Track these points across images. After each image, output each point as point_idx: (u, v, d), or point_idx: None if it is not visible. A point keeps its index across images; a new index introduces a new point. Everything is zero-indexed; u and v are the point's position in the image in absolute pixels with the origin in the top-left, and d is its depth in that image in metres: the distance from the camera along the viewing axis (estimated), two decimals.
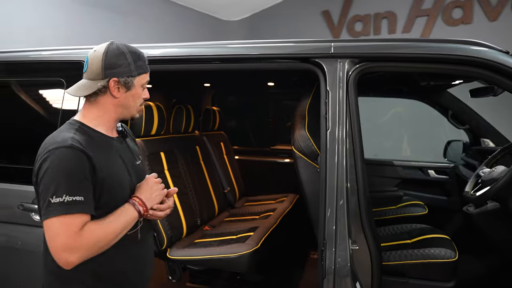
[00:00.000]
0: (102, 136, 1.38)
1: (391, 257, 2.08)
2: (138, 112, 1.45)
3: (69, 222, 1.20)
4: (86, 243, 1.21)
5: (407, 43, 1.77)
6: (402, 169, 3.49)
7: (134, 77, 1.37)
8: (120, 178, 1.36)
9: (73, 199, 1.20)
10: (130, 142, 1.55)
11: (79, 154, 1.23)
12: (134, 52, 1.38)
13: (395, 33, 5.52)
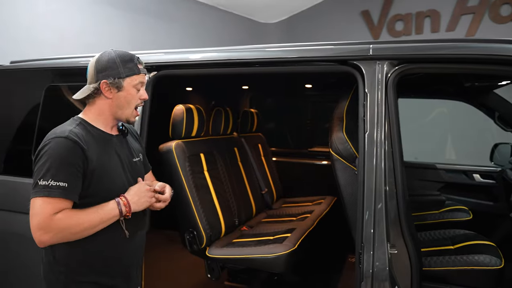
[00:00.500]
0: (101, 132, 1.51)
1: (432, 262, 2.03)
2: (132, 115, 1.54)
3: (49, 204, 1.32)
4: (58, 225, 1.33)
5: (448, 43, 1.73)
6: (445, 172, 3.38)
7: (124, 78, 1.49)
8: (112, 171, 1.48)
9: (57, 184, 1.33)
10: (131, 140, 1.67)
11: (73, 145, 1.37)
12: (124, 56, 1.51)
13: (438, 32, 5.34)
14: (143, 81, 1.54)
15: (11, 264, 2.26)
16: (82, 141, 1.40)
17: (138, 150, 1.70)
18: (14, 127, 2.42)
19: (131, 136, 1.71)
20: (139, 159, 1.67)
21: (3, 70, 2.53)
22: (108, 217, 1.42)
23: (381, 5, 5.71)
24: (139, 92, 1.54)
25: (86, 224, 1.37)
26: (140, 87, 1.54)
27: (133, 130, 1.78)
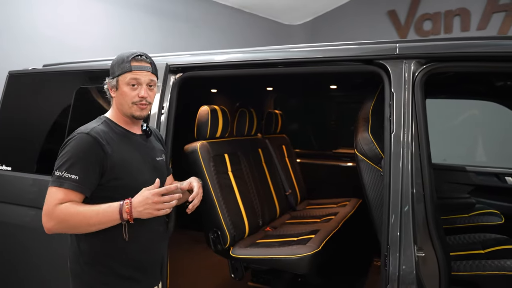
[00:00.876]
0: (124, 130, 1.58)
1: (461, 267, 1.97)
2: (134, 110, 1.56)
3: (58, 194, 1.40)
4: (58, 215, 1.39)
5: (478, 41, 1.68)
6: (475, 175, 3.28)
7: (117, 77, 1.55)
8: (133, 168, 1.52)
9: (69, 176, 1.40)
10: (154, 140, 1.72)
11: (92, 141, 1.44)
12: (122, 56, 1.56)
13: (468, 31, 5.19)
14: (136, 77, 1.54)
15: (42, 261, 2.34)
16: (103, 138, 1.47)
17: (161, 151, 1.74)
18: (46, 128, 2.51)
19: (155, 137, 1.76)
20: (162, 159, 1.71)
21: (36, 73, 2.63)
22: (107, 219, 1.42)
23: (409, 4, 5.60)
24: (137, 90, 1.54)
25: (83, 221, 1.40)
26: (136, 84, 1.54)
27: (157, 132, 1.83)
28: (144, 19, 4.66)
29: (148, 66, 1.57)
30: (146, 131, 1.67)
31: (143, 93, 1.55)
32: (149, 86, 1.58)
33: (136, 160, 1.56)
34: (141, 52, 1.59)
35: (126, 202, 1.42)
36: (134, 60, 1.54)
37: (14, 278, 2.46)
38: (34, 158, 2.49)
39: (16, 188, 2.45)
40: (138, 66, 1.54)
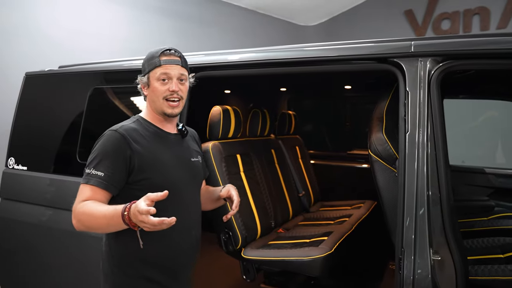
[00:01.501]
0: (157, 129, 1.56)
1: (480, 271, 1.91)
2: (165, 107, 1.53)
3: (84, 191, 1.41)
4: (77, 213, 1.39)
5: (497, 38, 1.63)
6: (495, 177, 3.18)
7: (147, 73, 1.53)
8: (163, 167, 1.49)
9: (95, 173, 1.40)
10: (190, 141, 1.69)
11: (120, 138, 1.44)
12: (151, 53, 1.55)
13: (488, 30, 5.07)
14: (166, 72, 1.51)
15: (58, 261, 2.36)
16: (132, 136, 1.46)
17: (197, 152, 1.71)
18: (62, 128, 2.54)
19: (191, 138, 1.73)
20: (198, 160, 1.67)
21: (52, 74, 2.67)
22: (115, 222, 1.31)
23: (426, 3, 5.51)
24: (167, 85, 1.51)
25: (94, 221, 1.36)
26: (166, 78, 1.51)
27: (194, 133, 1.79)
28: (159, 21, 4.70)
29: (177, 60, 1.54)
30: (182, 130, 1.64)
31: (174, 86, 1.51)
32: (180, 80, 1.54)
33: (169, 160, 1.52)
34: (170, 46, 1.56)
35: (127, 208, 1.29)
36: (163, 54, 1.52)
37: (31, 278, 2.49)
38: (49, 157, 2.53)
39: (32, 188, 2.48)
40: (167, 60, 1.52)
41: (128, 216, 1.28)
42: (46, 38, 3.76)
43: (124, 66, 2.44)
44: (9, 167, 2.59)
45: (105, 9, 4.23)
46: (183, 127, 1.65)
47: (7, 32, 3.55)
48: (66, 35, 3.89)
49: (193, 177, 1.61)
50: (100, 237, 2.15)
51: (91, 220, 1.37)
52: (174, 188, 1.47)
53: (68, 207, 2.28)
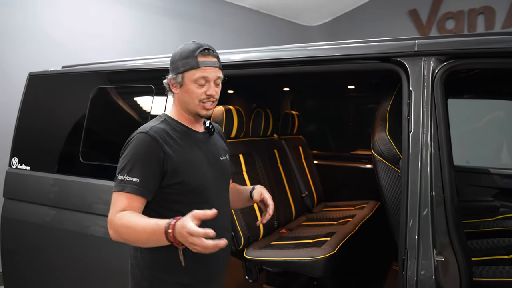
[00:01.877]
0: (185, 128, 1.49)
1: (484, 272, 1.89)
2: (200, 109, 1.44)
3: (120, 199, 1.33)
4: (115, 225, 1.30)
5: (500, 37, 1.61)
6: (500, 178, 3.16)
7: (182, 73, 1.41)
8: (193, 168, 1.43)
9: (130, 179, 1.32)
10: (217, 138, 1.62)
11: (151, 141, 1.36)
12: (186, 50, 1.42)
13: (493, 29, 5.04)
14: (204, 75, 1.40)
15: (61, 261, 2.36)
16: (162, 137, 1.39)
17: (225, 150, 1.64)
18: (65, 128, 2.54)
19: (217, 134, 1.66)
20: (226, 158, 1.61)
21: (55, 74, 2.67)
22: (156, 238, 1.24)
23: (431, 3, 5.48)
24: (204, 88, 1.41)
25: (133, 236, 1.29)
26: (204, 82, 1.41)
27: (220, 130, 1.72)
28: (162, 21, 4.71)
29: (215, 62, 1.43)
30: (209, 128, 1.56)
31: (212, 91, 1.42)
32: (216, 82, 1.45)
33: (199, 160, 1.46)
34: (207, 44, 1.44)
35: (171, 225, 1.20)
36: (201, 55, 1.40)
37: (34, 278, 2.49)
38: (52, 157, 2.53)
39: (35, 188, 2.49)
40: (206, 62, 1.40)
41: (172, 234, 1.20)
42: (49, 39, 3.77)
43: (127, 66, 2.44)
44: (12, 167, 2.60)
45: (108, 10, 4.24)
46: (210, 124, 1.57)
47: (10, 32, 3.56)
48: (69, 36, 3.90)
49: (222, 176, 1.54)
50: (103, 237, 2.18)
51: (130, 233, 1.28)
52: (206, 189, 1.44)
53: (71, 207, 2.31)
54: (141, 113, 2.28)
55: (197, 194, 1.42)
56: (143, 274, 1.45)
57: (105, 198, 2.18)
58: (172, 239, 1.20)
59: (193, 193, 1.41)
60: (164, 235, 1.21)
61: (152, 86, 2.21)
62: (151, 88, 2.21)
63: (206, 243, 1.14)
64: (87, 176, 2.30)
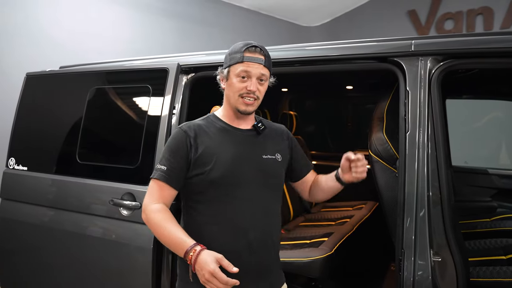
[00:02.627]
0: (225, 125, 1.54)
1: (481, 273, 1.89)
2: (239, 104, 1.47)
3: (151, 185, 1.47)
4: (148, 215, 1.43)
5: (497, 36, 1.61)
6: (498, 178, 3.16)
7: (228, 67, 1.49)
8: (219, 161, 1.44)
9: (159, 167, 1.46)
10: (269, 137, 1.60)
11: (181, 134, 1.47)
12: (235, 46, 1.50)
13: (491, 30, 5.04)
14: (247, 70, 1.44)
15: (59, 261, 2.36)
16: (194, 131, 1.48)
17: (277, 150, 1.59)
18: (62, 128, 2.53)
19: (275, 136, 1.63)
20: (274, 157, 1.56)
21: (53, 75, 2.67)
22: (175, 249, 1.38)
23: (429, 4, 5.48)
24: (245, 83, 1.45)
25: (158, 233, 1.42)
26: (246, 76, 1.45)
27: (281, 130, 1.69)
28: (162, 22, 4.71)
29: (261, 59, 1.46)
30: (257, 127, 1.56)
31: (252, 86, 1.44)
32: (259, 80, 1.47)
33: (231, 155, 1.46)
34: (256, 43, 1.49)
35: (194, 249, 1.30)
36: (247, 50, 1.45)
37: (31, 279, 2.49)
38: (50, 158, 2.53)
39: (33, 188, 2.48)
40: (250, 57, 1.44)
41: (192, 259, 1.29)
42: (48, 39, 3.77)
43: (124, 67, 2.44)
44: (9, 168, 2.59)
45: (109, 10, 4.24)
46: (260, 123, 1.57)
47: (10, 32, 3.56)
48: (68, 36, 3.90)
49: (261, 175, 1.51)
50: (101, 238, 2.17)
51: (158, 232, 1.41)
52: (229, 184, 1.44)
53: (68, 208, 2.31)
54: (138, 113, 2.27)
55: (216, 186, 1.44)
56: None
57: (102, 199, 2.18)
58: (189, 260, 1.31)
59: (213, 186, 1.44)
60: (184, 253, 1.32)
61: (149, 87, 2.21)
62: (148, 89, 2.21)
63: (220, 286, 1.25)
64: (84, 176, 2.30)
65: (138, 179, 2.09)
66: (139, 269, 2.02)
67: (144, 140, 2.12)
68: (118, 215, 2.10)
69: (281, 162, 1.58)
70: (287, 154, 1.64)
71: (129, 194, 2.08)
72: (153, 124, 2.11)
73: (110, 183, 2.18)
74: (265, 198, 1.52)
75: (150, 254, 1.97)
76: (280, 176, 1.60)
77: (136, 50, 4.31)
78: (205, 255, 1.28)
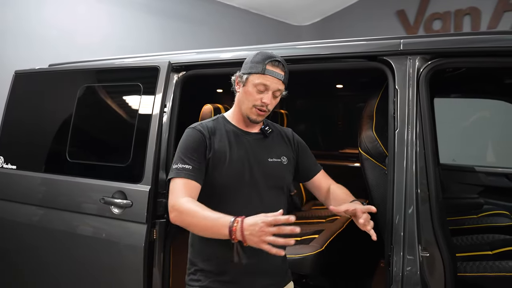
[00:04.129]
0: (233, 127, 1.57)
1: (468, 268, 1.92)
2: (251, 113, 1.50)
3: (177, 185, 1.44)
4: (179, 208, 1.39)
5: (484, 36, 1.64)
6: (485, 176, 3.21)
7: (247, 74, 1.50)
8: (224, 163, 1.48)
9: (183, 166, 1.45)
10: (275, 140, 1.63)
11: (197, 134, 1.50)
12: (261, 55, 1.50)
13: (479, 30, 5.12)
14: (266, 84, 1.47)
15: (50, 260, 2.34)
16: (207, 131, 1.51)
17: (283, 153, 1.62)
18: (51, 127, 2.51)
19: (281, 139, 1.67)
20: (280, 160, 1.59)
21: (42, 73, 2.65)
22: (216, 230, 1.30)
23: (418, 4, 5.54)
24: (261, 95, 1.48)
25: (194, 221, 1.36)
26: (263, 89, 1.48)
27: (285, 132, 1.72)
28: (150, 20, 4.68)
29: (281, 75, 1.50)
30: (264, 130, 1.60)
31: (267, 100, 1.48)
32: (274, 94, 1.51)
33: (237, 158, 1.49)
34: (280, 57, 1.52)
35: (236, 220, 1.24)
36: (270, 64, 1.48)
37: (20, 278, 2.46)
38: (39, 157, 2.51)
39: (22, 187, 2.46)
40: (271, 72, 1.47)
41: (238, 229, 1.22)
42: (36, 37, 3.73)
43: (115, 65, 2.43)
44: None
45: (94, 7, 4.21)
46: (267, 127, 1.61)
47: (0, 30, 3.51)
48: (56, 34, 3.87)
49: (266, 178, 1.54)
50: (92, 237, 2.16)
51: (193, 221, 1.36)
52: (238, 187, 1.48)
53: (58, 206, 2.29)
54: (129, 111, 2.27)
55: (222, 188, 1.48)
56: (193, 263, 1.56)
57: (93, 197, 2.17)
58: (234, 233, 1.23)
59: (219, 187, 1.48)
60: (228, 228, 1.24)
61: (140, 85, 2.20)
62: (139, 87, 2.21)
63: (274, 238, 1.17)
64: (74, 175, 2.28)
65: (129, 177, 2.08)
66: (131, 268, 2.02)
67: (135, 138, 2.12)
68: (109, 214, 2.09)
69: (286, 165, 1.62)
70: (293, 157, 1.68)
71: (120, 192, 2.07)
72: (144, 122, 2.10)
73: (101, 182, 2.17)
74: (271, 200, 1.56)
75: (142, 252, 1.97)
76: (285, 179, 1.63)
77: (124, 48, 4.28)
78: (249, 218, 1.23)
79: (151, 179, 2.01)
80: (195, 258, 1.56)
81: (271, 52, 1.52)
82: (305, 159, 1.73)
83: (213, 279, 1.49)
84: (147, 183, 2.02)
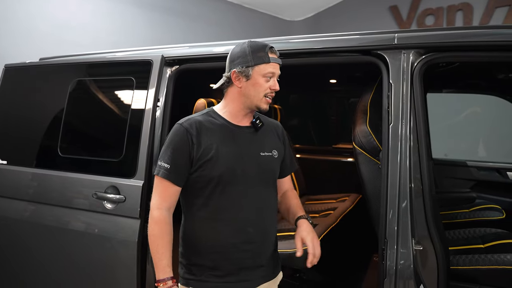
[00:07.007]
0: (225, 122, 1.54)
1: (461, 261, 1.94)
2: (262, 102, 1.50)
3: (156, 183, 1.50)
4: (151, 225, 1.48)
5: (478, 30, 1.65)
6: (476, 170, 3.24)
7: (252, 66, 1.47)
8: (218, 158, 1.47)
9: (163, 165, 1.47)
10: (266, 134, 1.62)
11: (183, 131, 1.48)
12: (255, 45, 1.50)
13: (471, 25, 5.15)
14: (273, 71, 1.49)
15: (41, 256, 2.32)
16: (195, 128, 1.48)
17: (273, 147, 1.62)
18: (42, 121, 2.48)
19: (270, 132, 1.66)
20: (271, 154, 1.59)
21: (33, 67, 2.61)
22: (155, 268, 1.47)
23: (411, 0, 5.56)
24: (269, 82, 1.49)
25: (152, 247, 1.48)
26: (271, 77, 1.50)
27: (275, 126, 1.71)
28: (142, 14, 4.65)
29: (280, 60, 1.54)
30: (255, 123, 1.57)
31: (277, 86, 1.51)
32: (277, 79, 1.54)
33: (230, 152, 1.49)
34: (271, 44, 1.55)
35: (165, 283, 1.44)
36: (270, 51, 1.50)
37: (12, 274, 2.44)
38: (30, 151, 2.48)
39: (13, 182, 2.43)
40: (275, 59, 1.51)
41: None
42: (26, 32, 3.68)
43: (107, 58, 2.40)
44: None
45: (86, 2, 4.16)
46: (258, 120, 1.59)
47: None
48: (46, 29, 3.82)
49: (260, 172, 1.54)
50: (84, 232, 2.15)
51: (151, 244, 1.48)
52: (227, 182, 1.47)
53: (49, 202, 2.26)
54: (121, 106, 2.25)
55: (216, 183, 1.46)
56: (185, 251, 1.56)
57: (85, 192, 2.15)
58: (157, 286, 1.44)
59: (213, 182, 1.47)
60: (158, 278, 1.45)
61: (133, 79, 2.18)
62: (131, 81, 2.18)
63: None
64: (66, 170, 2.26)
65: (122, 172, 2.07)
66: (124, 263, 2.01)
67: (128, 133, 2.10)
68: (102, 209, 2.07)
69: (276, 159, 1.62)
70: (282, 151, 1.67)
71: (113, 187, 2.06)
72: (137, 116, 2.09)
73: (94, 177, 2.15)
74: (263, 194, 1.56)
75: (135, 248, 1.96)
76: (277, 172, 1.64)
77: (116, 42, 4.24)
78: None
79: (144, 174, 2.00)
80: (187, 252, 1.55)
81: (260, 41, 1.53)
82: (285, 156, 1.72)
83: (208, 273, 1.50)
84: (140, 178, 2.00)
